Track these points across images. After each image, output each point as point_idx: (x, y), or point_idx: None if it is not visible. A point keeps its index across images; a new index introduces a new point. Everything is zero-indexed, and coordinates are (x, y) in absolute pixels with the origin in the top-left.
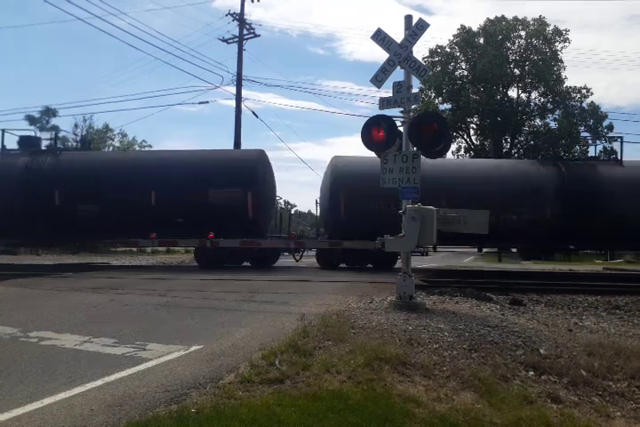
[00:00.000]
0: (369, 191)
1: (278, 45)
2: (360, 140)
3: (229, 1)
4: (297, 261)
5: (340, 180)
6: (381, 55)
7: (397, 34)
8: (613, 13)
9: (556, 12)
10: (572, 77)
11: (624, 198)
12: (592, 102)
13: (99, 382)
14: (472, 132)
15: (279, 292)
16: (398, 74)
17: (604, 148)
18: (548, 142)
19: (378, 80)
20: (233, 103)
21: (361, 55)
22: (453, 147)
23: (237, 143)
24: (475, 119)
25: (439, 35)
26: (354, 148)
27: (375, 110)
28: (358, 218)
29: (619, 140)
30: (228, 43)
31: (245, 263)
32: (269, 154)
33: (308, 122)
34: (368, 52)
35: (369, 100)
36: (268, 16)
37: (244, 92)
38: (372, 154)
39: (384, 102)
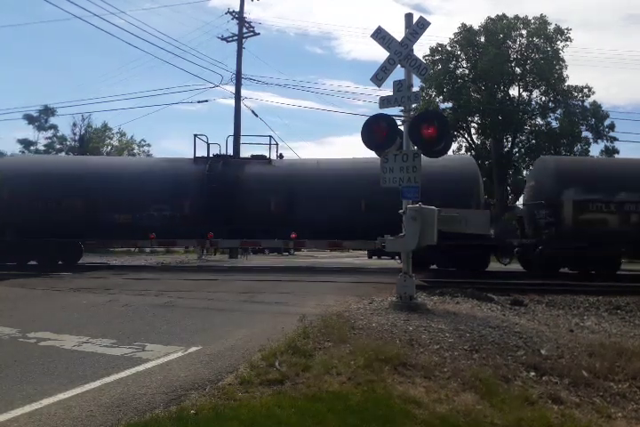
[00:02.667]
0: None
1: (276, 45)
2: (360, 139)
3: (226, 0)
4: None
5: None
6: (380, 54)
7: (395, 33)
8: (613, 13)
9: (555, 12)
10: (572, 76)
11: (265, 195)
12: (594, 102)
13: (97, 383)
14: (473, 131)
15: (279, 292)
16: (399, 73)
17: (606, 147)
18: (549, 141)
19: (378, 79)
20: (232, 102)
21: (359, 54)
22: (454, 146)
23: (237, 142)
24: (476, 118)
25: (437, 33)
26: (354, 148)
27: (374, 109)
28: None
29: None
30: (228, 41)
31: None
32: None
33: (307, 121)
34: (366, 51)
35: (368, 98)
36: (266, 15)
37: (243, 92)
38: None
39: (384, 101)
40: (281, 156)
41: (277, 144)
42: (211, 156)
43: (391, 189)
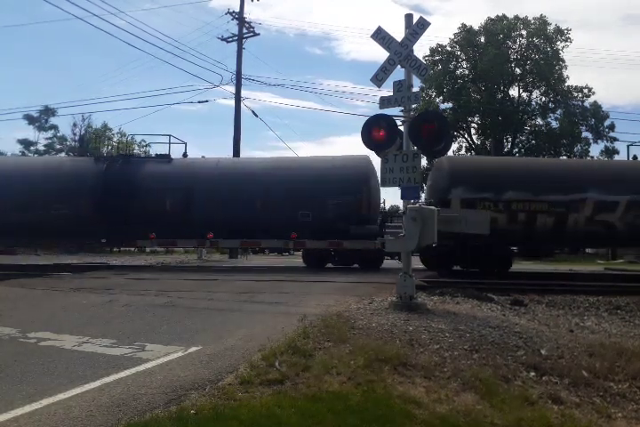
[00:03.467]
0: None
1: (275, 45)
2: (360, 139)
3: (225, 1)
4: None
5: None
6: (379, 55)
7: (394, 34)
8: (612, 13)
9: (554, 13)
10: (571, 77)
11: (162, 194)
12: (594, 102)
13: (97, 383)
14: (473, 131)
15: (279, 292)
16: (399, 73)
17: (606, 147)
18: (549, 142)
19: (378, 79)
20: (231, 102)
21: (358, 55)
22: (454, 146)
23: (237, 143)
24: (476, 118)
25: (435, 34)
26: (354, 147)
27: (374, 109)
28: None
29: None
30: (228, 41)
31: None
32: (269, 154)
33: (307, 121)
34: (365, 51)
35: (367, 99)
36: (265, 16)
37: (243, 92)
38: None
39: (384, 101)
40: (184, 155)
41: (185, 143)
42: (118, 154)
43: (290, 191)
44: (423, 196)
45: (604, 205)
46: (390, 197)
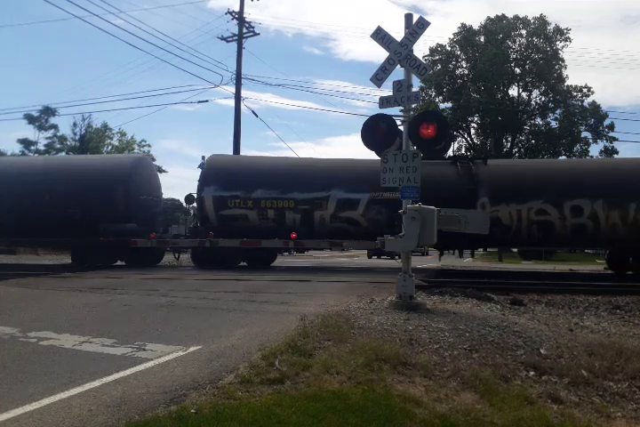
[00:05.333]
0: None
1: (274, 45)
2: (359, 139)
3: (224, 2)
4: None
5: None
6: (378, 55)
7: (392, 34)
8: (608, 13)
9: (553, 13)
10: (570, 77)
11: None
12: (593, 102)
13: (97, 383)
14: (473, 131)
15: (279, 292)
16: (399, 73)
17: (605, 147)
18: (548, 142)
19: (378, 79)
20: (231, 102)
21: (356, 55)
22: (454, 146)
23: (237, 143)
24: (475, 118)
25: (434, 34)
26: (353, 147)
27: (373, 109)
28: None
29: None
30: (228, 41)
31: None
32: (269, 154)
33: (306, 121)
34: (363, 51)
35: (366, 99)
36: (264, 16)
37: (243, 92)
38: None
39: (384, 101)
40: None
41: None
42: None
43: (66, 190)
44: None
45: (347, 203)
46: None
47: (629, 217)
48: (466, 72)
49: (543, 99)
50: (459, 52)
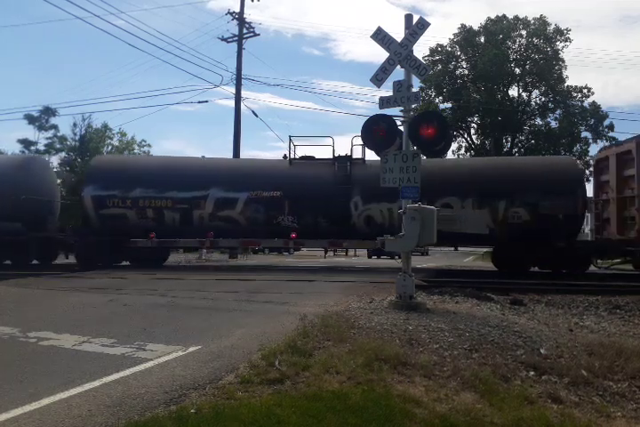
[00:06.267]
0: None
1: (273, 46)
2: (359, 139)
3: (223, 2)
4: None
5: None
6: (376, 55)
7: (391, 34)
8: (607, 13)
9: (551, 14)
10: (570, 77)
11: None
12: (593, 102)
13: (97, 383)
14: (472, 131)
15: (279, 292)
16: (399, 73)
17: (605, 147)
18: (548, 142)
19: (378, 79)
20: (230, 103)
21: (355, 55)
22: (454, 146)
23: (237, 143)
24: (475, 118)
25: (432, 35)
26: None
27: (372, 109)
28: None
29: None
30: (228, 42)
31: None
32: (269, 154)
33: (306, 121)
34: (363, 52)
35: (365, 99)
36: (263, 17)
37: (242, 92)
38: None
39: (384, 101)
40: None
41: None
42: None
43: None
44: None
45: (226, 202)
46: None
47: (499, 215)
48: (466, 72)
49: (543, 99)
50: (459, 53)
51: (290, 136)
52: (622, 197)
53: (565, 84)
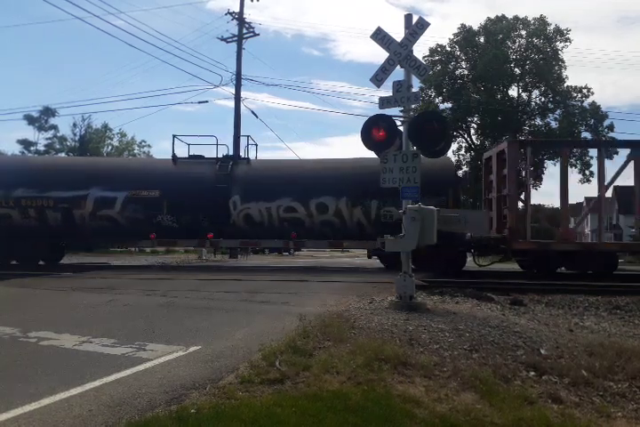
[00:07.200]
0: None
1: (273, 46)
2: (358, 139)
3: (223, 3)
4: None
5: None
6: (376, 56)
7: (391, 35)
8: (605, 14)
9: (551, 15)
10: (569, 77)
11: None
12: (593, 102)
13: (98, 383)
14: (472, 131)
15: (279, 292)
16: (399, 73)
17: None
18: None
19: (377, 79)
20: (229, 103)
21: (354, 56)
22: (454, 146)
23: (237, 143)
24: (475, 118)
25: (432, 35)
26: (351, 147)
27: (372, 110)
28: None
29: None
30: (228, 42)
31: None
32: (269, 154)
33: (305, 122)
34: (362, 52)
35: (364, 99)
36: (262, 17)
37: (242, 92)
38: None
39: (384, 101)
40: None
41: None
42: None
43: None
44: None
45: (105, 201)
46: None
47: (372, 214)
48: (466, 72)
49: (543, 99)
50: (458, 53)
51: (174, 135)
52: (500, 196)
53: (565, 85)
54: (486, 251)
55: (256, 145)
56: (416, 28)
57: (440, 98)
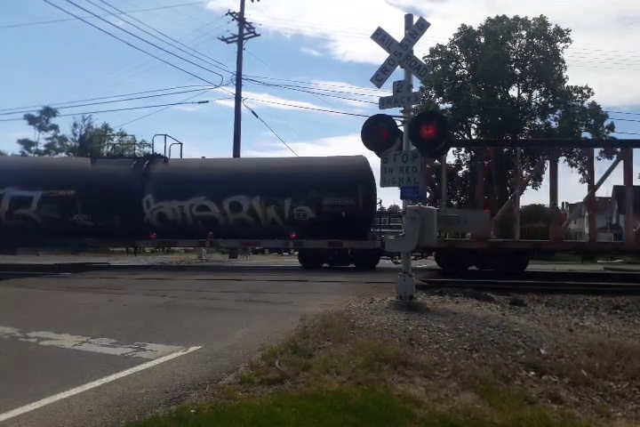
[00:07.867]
0: None
1: (272, 47)
2: (358, 139)
3: (223, 3)
4: None
5: None
6: (375, 56)
7: (391, 35)
8: (605, 14)
9: (550, 15)
10: (569, 77)
11: None
12: (593, 102)
13: (98, 383)
14: (473, 131)
15: (279, 292)
16: (399, 73)
17: None
18: None
19: (378, 80)
20: (229, 103)
21: (354, 56)
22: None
23: (237, 143)
24: (475, 119)
25: (432, 36)
26: (351, 147)
27: (371, 110)
28: None
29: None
30: (228, 42)
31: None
32: (269, 154)
33: (305, 122)
34: (361, 53)
35: (364, 99)
36: (262, 18)
37: (242, 92)
38: None
39: (384, 102)
40: None
41: None
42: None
43: None
44: None
45: (21, 200)
46: None
47: (285, 213)
48: (466, 73)
49: (543, 99)
50: (459, 53)
51: (93, 134)
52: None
53: (565, 85)
54: None
55: (180, 144)
56: (416, 28)
57: (440, 98)
